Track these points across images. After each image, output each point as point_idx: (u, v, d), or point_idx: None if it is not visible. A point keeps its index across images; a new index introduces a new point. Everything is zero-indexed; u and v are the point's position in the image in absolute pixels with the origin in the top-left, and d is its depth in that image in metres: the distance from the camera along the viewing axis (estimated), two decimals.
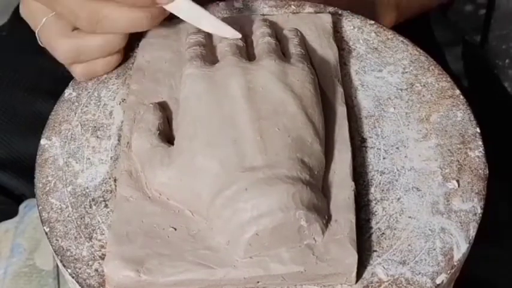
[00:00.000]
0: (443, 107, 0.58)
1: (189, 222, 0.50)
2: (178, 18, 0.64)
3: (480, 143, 0.56)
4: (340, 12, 0.65)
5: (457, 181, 0.54)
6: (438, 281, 0.49)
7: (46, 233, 0.52)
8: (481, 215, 0.52)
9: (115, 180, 0.54)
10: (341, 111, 0.56)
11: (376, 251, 0.50)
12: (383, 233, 0.51)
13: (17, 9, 0.73)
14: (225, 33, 0.58)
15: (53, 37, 0.59)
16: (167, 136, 0.54)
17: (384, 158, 0.55)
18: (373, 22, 0.64)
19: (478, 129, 0.57)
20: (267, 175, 0.48)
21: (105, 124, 0.58)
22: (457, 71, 0.97)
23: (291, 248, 0.48)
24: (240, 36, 0.58)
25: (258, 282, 0.48)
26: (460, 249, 0.50)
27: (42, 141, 0.57)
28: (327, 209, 0.50)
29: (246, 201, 0.48)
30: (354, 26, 0.64)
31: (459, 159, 0.55)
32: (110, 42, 0.59)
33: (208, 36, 0.60)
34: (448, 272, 0.49)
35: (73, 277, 0.50)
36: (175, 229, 0.50)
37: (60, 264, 0.51)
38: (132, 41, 0.62)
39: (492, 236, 0.61)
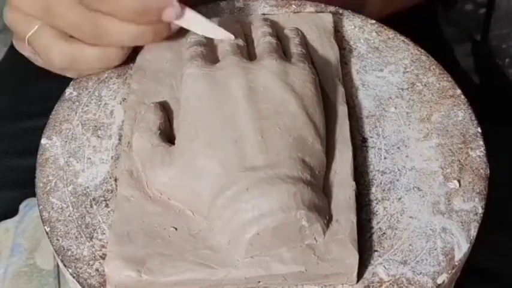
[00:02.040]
0: (445, 107, 0.58)
1: (190, 222, 0.50)
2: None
3: (481, 142, 0.56)
4: (341, 11, 0.65)
5: (458, 181, 0.54)
6: (439, 281, 0.49)
7: (47, 233, 0.52)
8: (482, 215, 0.52)
9: (116, 180, 0.54)
10: (342, 110, 0.56)
11: (377, 250, 0.50)
12: (384, 233, 0.51)
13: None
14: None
15: (49, 41, 0.57)
16: (168, 136, 0.54)
17: (384, 158, 0.55)
18: (374, 21, 0.64)
19: (479, 129, 0.57)
20: (268, 175, 0.48)
21: (105, 123, 0.58)
22: (466, 67, 0.96)
23: (292, 248, 0.48)
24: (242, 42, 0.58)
25: (259, 282, 0.48)
26: (461, 249, 0.50)
27: (43, 141, 0.57)
28: (327, 208, 0.50)
29: (247, 201, 0.48)
30: (354, 26, 0.64)
31: (460, 159, 0.55)
32: (109, 55, 0.58)
33: None
34: (449, 272, 0.49)
35: (74, 277, 0.50)
36: (176, 229, 0.50)
37: (61, 264, 0.51)
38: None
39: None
